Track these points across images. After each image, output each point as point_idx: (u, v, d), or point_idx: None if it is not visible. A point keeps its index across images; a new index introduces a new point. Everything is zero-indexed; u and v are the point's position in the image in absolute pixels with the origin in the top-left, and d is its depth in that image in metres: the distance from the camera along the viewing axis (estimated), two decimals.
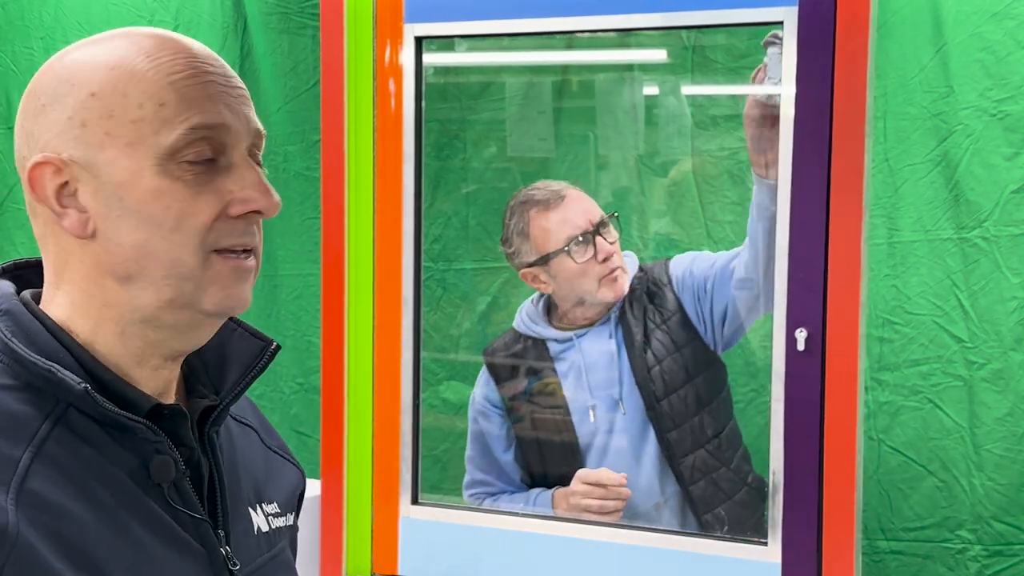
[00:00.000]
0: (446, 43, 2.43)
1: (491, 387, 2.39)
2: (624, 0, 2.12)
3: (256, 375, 1.03)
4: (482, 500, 2.37)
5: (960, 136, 2.30)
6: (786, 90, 1.98)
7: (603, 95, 2.56)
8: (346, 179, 2.28)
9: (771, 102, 2.02)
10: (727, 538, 2.14)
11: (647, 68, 2.52)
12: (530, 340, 2.36)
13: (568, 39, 2.44)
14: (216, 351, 1.03)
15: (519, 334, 2.37)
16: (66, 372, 0.91)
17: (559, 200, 2.29)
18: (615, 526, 2.21)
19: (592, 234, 2.27)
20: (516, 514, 2.29)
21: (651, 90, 2.53)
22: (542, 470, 2.37)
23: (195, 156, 0.92)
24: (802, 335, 1.97)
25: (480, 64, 2.66)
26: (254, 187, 0.94)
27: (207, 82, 0.93)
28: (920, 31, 2.31)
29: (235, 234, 0.94)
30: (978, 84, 2.28)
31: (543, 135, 2.57)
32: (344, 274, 2.29)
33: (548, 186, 2.34)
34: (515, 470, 2.38)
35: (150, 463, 0.94)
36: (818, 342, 1.96)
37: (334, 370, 2.31)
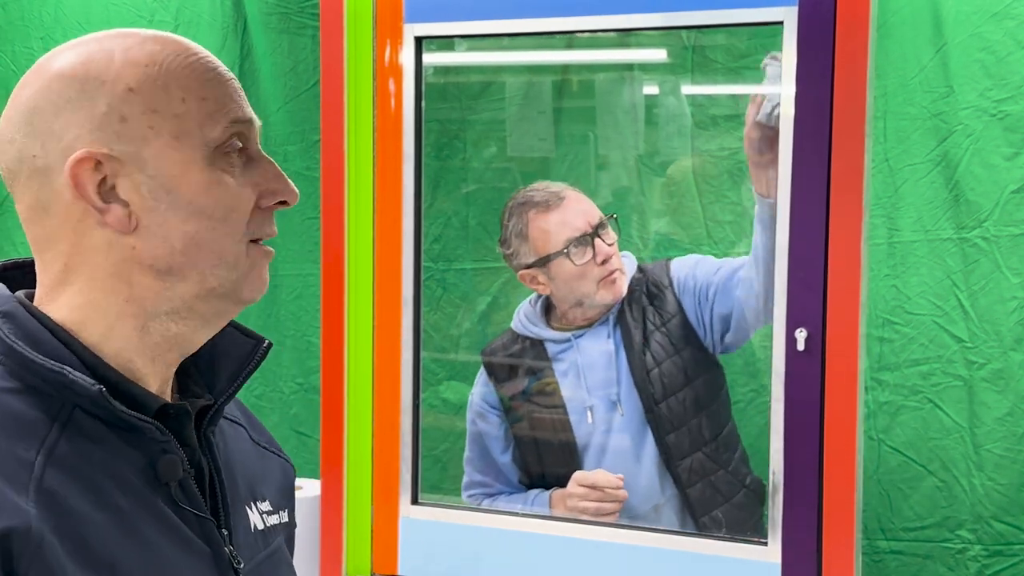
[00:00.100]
0: (446, 43, 2.43)
1: (489, 388, 2.39)
2: (624, 0, 2.11)
3: (250, 374, 1.04)
4: (480, 501, 2.37)
5: (960, 136, 2.30)
6: (786, 90, 1.98)
7: (603, 95, 2.56)
8: (346, 179, 2.28)
9: (771, 124, 2.02)
10: (727, 538, 2.14)
11: (647, 68, 2.52)
12: (528, 341, 2.35)
13: (568, 39, 2.44)
14: (207, 350, 1.03)
15: (517, 335, 2.37)
16: (77, 374, 0.90)
17: (558, 201, 2.29)
18: (615, 526, 2.20)
19: (591, 236, 2.26)
20: (516, 514, 2.29)
21: (651, 90, 2.53)
22: (540, 471, 2.37)
23: (233, 149, 0.96)
24: (802, 335, 1.97)
25: (480, 64, 2.66)
26: (277, 179, 0.99)
27: (228, 80, 0.97)
28: (920, 31, 2.31)
29: (266, 224, 0.99)
30: (978, 84, 2.28)
31: (543, 135, 2.57)
32: (344, 274, 2.29)
33: (547, 187, 2.33)
34: (513, 471, 2.38)
35: (157, 463, 0.94)
36: (818, 342, 1.96)
37: (334, 370, 2.31)
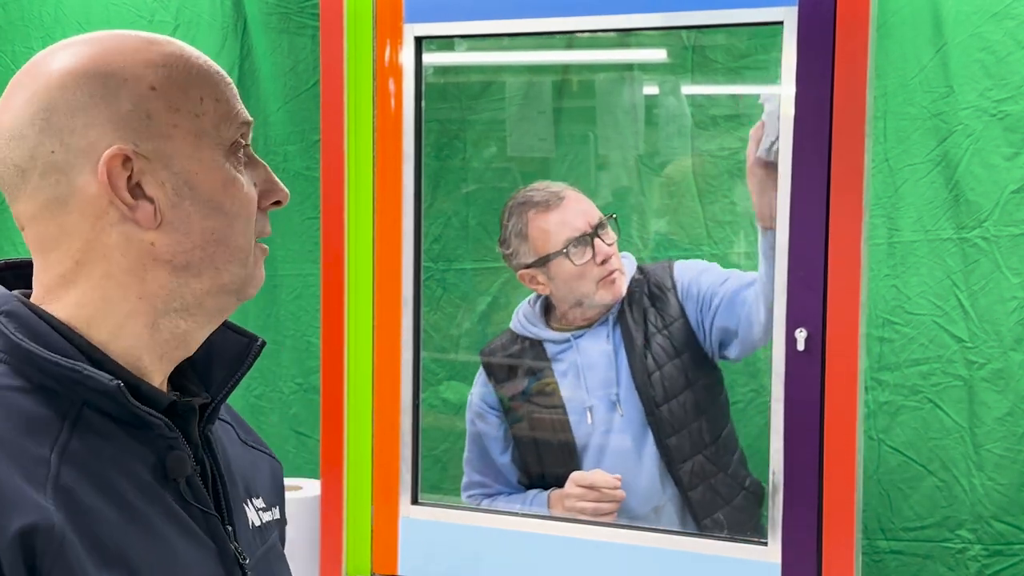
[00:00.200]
0: (446, 43, 2.43)
1: (488, 388, 2.39)
2: (624, 0, 2.11)
3: (245, 372, 1.05)
4: (479, 501, 2.37)
5: (960, 136, 2.30)
6: (786, 90, 1.98)
7: (603, 95, 2.56)
8: (346, 179, 2.28)
9: (773, 158, 2.01)
10: (727, 538, 2.14)
11: (647, 68, 2.52)
12: (527, 341, 2.35)
13: (568, 39, 2.44)
14: (203, 349, 1.03)
15: (516, 335, 2.37)
16: (93, 370, 0.91)
17: (558, 201, 2.29)
18: (615, 526, 2.20)
19: (590, 236, 2.26)
20: (516, 514, 2.29)
21: (651, 90, 2.53)
22: (540, 471, 2.37)
23: (240, 149, 0.98)
24: (802, 335, 1.97)
25: (480, 64, 2.65)
26: (271, 180, 1.01)
27: (231, 83, 1.00)
28: (920, 31, 2.31)
29: (265, 223, 1.01)
30: (978, 84, 2.28)
31: (543, 135, 2.56)
32: (344, 274, 2.29)
33: (547, 187, 2.33)
34: (512, 472, 2.38)
35: (166, 459, 0.95)
36: (818, 342, 1.96)
37: (334, 370, 2.31)
